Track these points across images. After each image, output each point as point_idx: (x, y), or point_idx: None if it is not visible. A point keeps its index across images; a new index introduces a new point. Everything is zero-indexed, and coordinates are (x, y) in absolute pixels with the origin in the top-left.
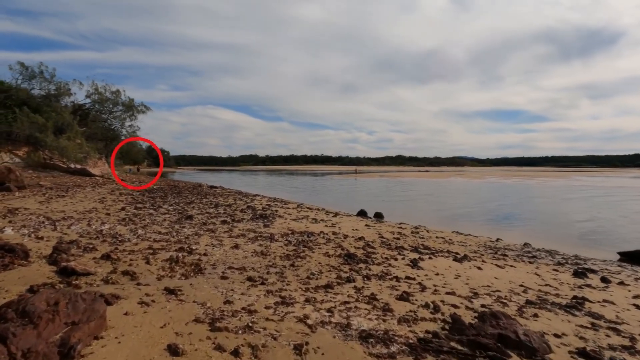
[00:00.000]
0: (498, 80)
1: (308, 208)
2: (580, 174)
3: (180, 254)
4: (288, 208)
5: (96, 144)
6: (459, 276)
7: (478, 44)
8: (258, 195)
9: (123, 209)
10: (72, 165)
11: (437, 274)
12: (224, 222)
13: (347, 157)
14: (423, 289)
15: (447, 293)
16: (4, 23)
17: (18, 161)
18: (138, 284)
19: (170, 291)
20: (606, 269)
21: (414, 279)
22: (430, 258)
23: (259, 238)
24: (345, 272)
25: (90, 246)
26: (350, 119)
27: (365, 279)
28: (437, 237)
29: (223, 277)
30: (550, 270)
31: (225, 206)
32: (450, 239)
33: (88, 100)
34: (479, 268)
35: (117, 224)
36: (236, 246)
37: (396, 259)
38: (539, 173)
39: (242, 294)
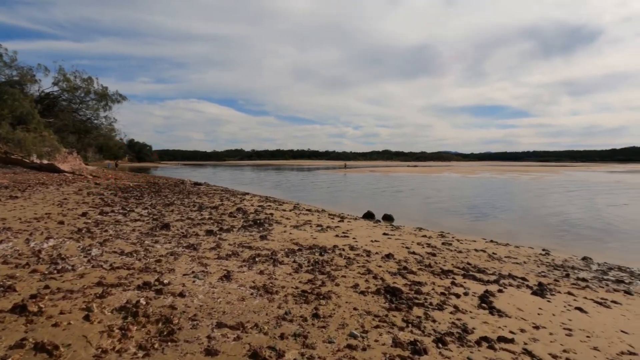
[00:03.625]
0: (482, 76)
1: (307, 210)
2: (567, 169)
3: (143, 296)
4: (284, 210)
5: (67, 137)
6: (570, 330)
7: (463, 40)
8: (247, 193)
9: (84, 214)
10: (38, 161)
11: (536, 327)
12: (209, 232)
13: (334, 152)
14: None
15: None
16: None
17: None
18: None
19: None
20: None
21: (511, 340)
22: (500, 291)
23: (256, 258)
24: (401, 327)
25: (7, 283)
26: (336, 113)
27: (439, 344)
28: (476, 251)
29: (209, 353)
30: None
31: (211, 208)
32: (494, 253)
33: (56, 89)
34: (580, 310)
35: (67, 239)
36: (227, 275)
37: (458, 296)
38: (529, 168)
39: None
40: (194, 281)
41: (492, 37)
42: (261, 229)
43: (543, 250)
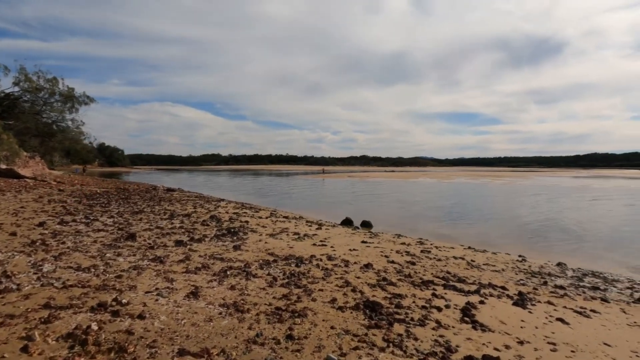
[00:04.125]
0: (456, 84)
1: (284, 217)
2: (536, 174)
3: (96, 319)
4: (260, 217)
5: (29, 140)
6: (554, 345)
7: (438, 49)
8: (223, 200)
9: (42, 224)
10: None
11: (520, 342)
12: (178, 242)
13: (312, 156)
14: None
15: None
16: None
17: None
18: None
19: None
20: None
21: (497, 359)
22: (481, 302)
23: (228, 271)
24: (382, 348)
25: None
26: (315, 118)
27: None
28: (455, 258)
29: None
30: None
31: (182, 216)
32: (472, 261)
33: (17, 89)
34: (562, 321)
35: (17, 253)
36: (195, 292)
37: (440, 309)
38: (501, 173)
39: None
40: (156, 299)
41: (465, 47)
42: (235, 238)
43: (519, 256)
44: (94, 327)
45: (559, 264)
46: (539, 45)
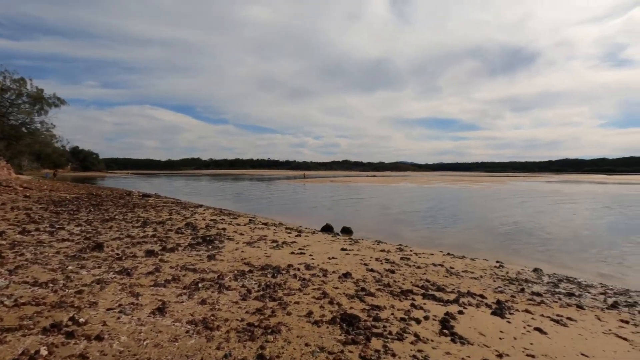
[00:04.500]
0: (436, 90)
1: (263, 224)
2: (512, 179)
3: (48, 342)
4: (239, 224)
5: None
6: (533, 357)
7: (419, 56)
8: (201, 205)
9: (0, 234)
10: None
11: (499, 355)
12: (149, 252)
13: (294, 161)
14: None
15: None
16: None
17: None
18: None
19: None
20: None
21: None
22: (460, 312)
23: (200, 284)
24: None
25: None
26: (297, 123)
27: None
28: (434, 265)
29: None
30: (624, 325)
31: (156, 224)
32: (451, 267)
33: None
34: (540, 331)
35: None
36: (162, 307)
37: (418, 321)
38: (479, 178)
39: None
40: (118, 317)
41: (444, 55)
42: (210, 247)
43: (497, 262)
44: (44, 352)
45: (535, 270)
46: (513, 55)
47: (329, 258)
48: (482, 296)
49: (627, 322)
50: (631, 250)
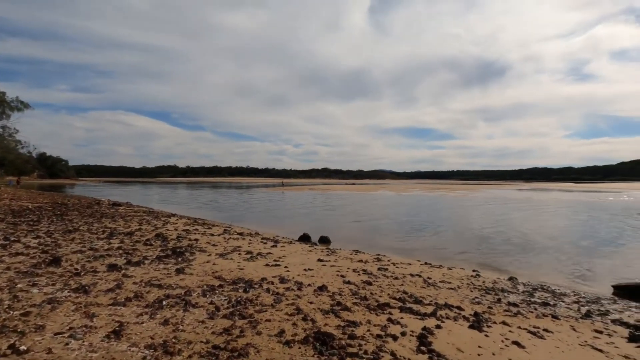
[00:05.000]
0: (412, 101)
1: (239, 234)
2: (486, 187)
3: None
4: (213, 235)
5: None
6: None
7: (396, 67)
8: (174, 215)
9: None
10: None
11: None
12: (112, 266)
13: (273, 169)
14: None
15: None
16: None
17: None
18: None
19: None
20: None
21: None
22: (438, 327)
23: (164, 301)
24: None
25: None
26: (276, 130)
27: None
28: (411, 276)
29: None
30: (598, 335)
31: (124, 235)
32: (429, 278)
33: None
34: (518, 345)
35: None
36: (118, 330)
37: (395, 338)
38: (454, 186)
39: None
40: (67, 343)
41: (420, 67)
42: (180, 259)
43: (474, 271)
44: None
45: (511, 279)
46: (486, 68)
47: (305, 270)
48: (459, 308)
49: (601, 332)
50: (601, 255)
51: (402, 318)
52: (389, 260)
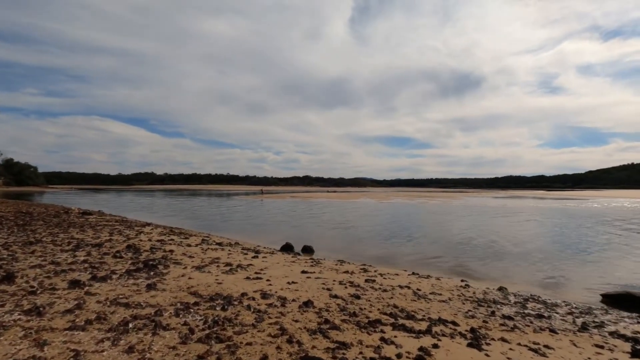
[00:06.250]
0: (392, 110)
1: (217, 244)
2: (464, 195)
3: None
4: (189, 245)
5: None
6: None
7: (376, 77)
8: (149, 224)
9: None
10: None
11: None
12: (74, 283)
13: (254, 176)
14: None
15: None
16: None
17: None
18: None
19: None
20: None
21: None
22: (435, 346)
23: (130, 324)
24: None
25: None
26: (257, 138)
27: None
28: (400, 287)
29: None
30: (600, 351)
31: (92, 246)
32: (418, 289)
33: None
34: None
35: None
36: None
37: None
38: (434, 194)
39: None
40: None
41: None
42: (152, 273)
43: (462, 281)
44: None
45: (500, 289)
46: (462, 79)
47: (289, 283)
48: (454, 323)
49: (602, 347)
50: (587, 261)
51: (395, 337)
52: (375, 271)
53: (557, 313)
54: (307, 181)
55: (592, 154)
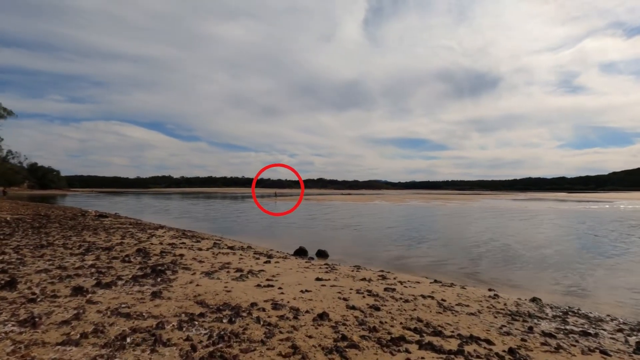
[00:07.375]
0: (406, 112)
1: (229, 247)
2: (482, 197)
3: None
4: (200, 249)
5: None
6: None
7: (389, 78)
8: (162, 227)
9: None
10: None
11: None
12: (77, 290)
13: (269, 179)
14: None
15: None
16: None
17: None
18: None
19: None
20: None
21: None
22: None
23: (128, 338)
24: None
25: None
26: (271, 141)
27: None
28: (423, 297)
29: None
30: None
31: (102, 250)
32: (443, 300)
33: None
34: None
35: None
36: None
37: None
38: (451, 196)
39: None
40: None
41: (413, 78)
42: (159, 279)
43: (490, 290)
44: None
45: (533, 300)
46: (477, 79)
47: (302, 292)
48: (488, 341)
49: None
50: (613, 269)
51: (423, 358)
52: (395, 278)
53: (604, 330)
54: (321, 184)
55: (616, 155)
